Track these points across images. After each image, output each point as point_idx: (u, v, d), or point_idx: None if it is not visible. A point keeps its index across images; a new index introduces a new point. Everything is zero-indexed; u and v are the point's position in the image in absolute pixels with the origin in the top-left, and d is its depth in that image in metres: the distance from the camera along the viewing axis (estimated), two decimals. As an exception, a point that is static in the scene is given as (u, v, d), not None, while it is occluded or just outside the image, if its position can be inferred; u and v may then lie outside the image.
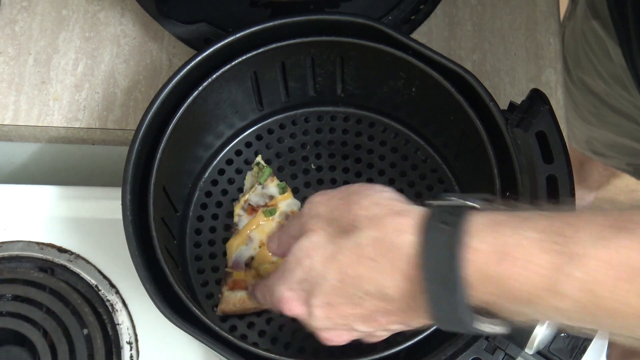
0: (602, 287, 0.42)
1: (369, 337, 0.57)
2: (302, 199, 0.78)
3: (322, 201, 0.55)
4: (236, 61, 0.71)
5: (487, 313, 0.48)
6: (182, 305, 0.63)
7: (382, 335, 0.56)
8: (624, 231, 0.42)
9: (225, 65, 0.71)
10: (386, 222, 0.50)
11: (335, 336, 0.56)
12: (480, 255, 0.46)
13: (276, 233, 0.62)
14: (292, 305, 0.55)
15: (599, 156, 1.25)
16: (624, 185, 1.35)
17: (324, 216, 0.54)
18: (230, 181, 0.80)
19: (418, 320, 0.52)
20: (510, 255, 0.45)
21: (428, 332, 0.62)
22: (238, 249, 0.75)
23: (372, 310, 0.52)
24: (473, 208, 0.49)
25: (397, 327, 0.54)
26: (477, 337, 0.60)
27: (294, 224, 0.58)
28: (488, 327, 0.49)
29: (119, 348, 0.74)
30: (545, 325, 0.56)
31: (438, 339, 0.62)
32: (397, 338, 0.72)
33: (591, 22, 0.96)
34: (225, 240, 0.76)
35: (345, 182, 0.79)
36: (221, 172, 0.80)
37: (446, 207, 0.49)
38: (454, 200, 0.50)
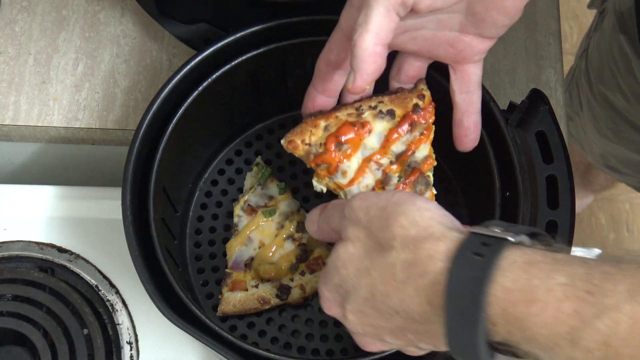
0: (622, 344, 0.41)
1: (405, 350, 0.55)
2: (302, 199, 0.78)
3: (362, 207, 0.54)
4: (236, 61, 0.71)
5: (503, 349, 0.47)
6: (182, 305, 0.63)
7: (414, 351, 0.55)
8: None
9: (225, 65, 0.71)
10: (420, 247, 0.49)
11: (369, 343, 0.56)
12: (507, 294, 0.44)
13: (315, 215, 0.62)
14: (330, 305, 0.56)
15: (614, 172, 1.23)
16: (624, 186, 1.35)
17: (363, 225, 0.53)
18: (230, 181, 0.80)
19: (444, 345, 0.50)
20: (538, 300, 0.43)
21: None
22: (238, 249, 0.75)
23: (400, 327, 0.51)
24: (511, 242, 0.47)
25: (427, 347, 0.53)
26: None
27: (335, 217, 0.58)
28: None
29: (119, 348, 0.74)
30: None
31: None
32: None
33: (619, 37, 0.95)
34: (225, 240, 0.76)
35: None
36: (221, 172, 0.80)
37: (483, 237, 0.48)
38: (494, 231, 0.49)
